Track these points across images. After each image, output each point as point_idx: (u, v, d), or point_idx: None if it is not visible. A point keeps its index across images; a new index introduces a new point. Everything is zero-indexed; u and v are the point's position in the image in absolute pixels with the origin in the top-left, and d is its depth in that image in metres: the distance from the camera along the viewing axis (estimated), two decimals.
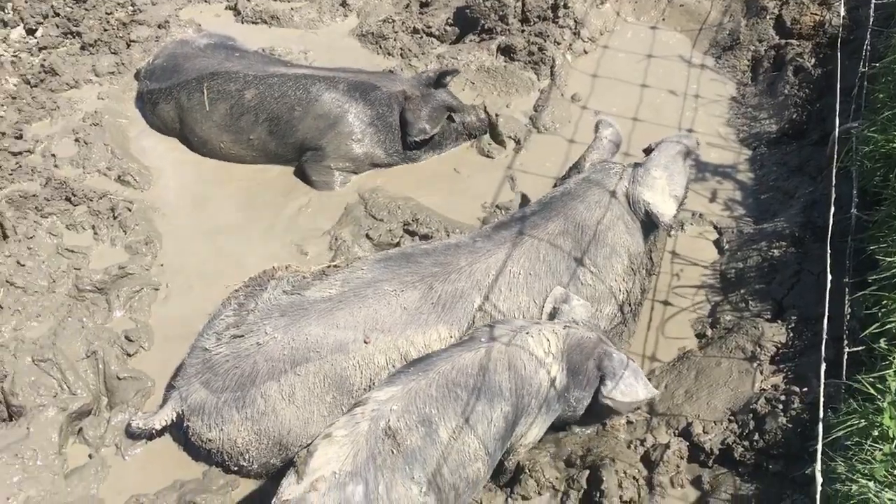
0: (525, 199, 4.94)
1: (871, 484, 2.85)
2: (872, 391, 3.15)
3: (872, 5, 5.09)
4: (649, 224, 4.11)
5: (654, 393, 3.62)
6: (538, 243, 3.92)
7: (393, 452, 2.98)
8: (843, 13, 5.48)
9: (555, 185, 4.66)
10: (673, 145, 4.27)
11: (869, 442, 3.02)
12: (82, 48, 6.17)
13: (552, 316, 3.74)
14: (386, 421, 3.03)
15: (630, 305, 4.18)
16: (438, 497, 3.11)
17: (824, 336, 3.25)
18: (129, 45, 6.25)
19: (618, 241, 4.06)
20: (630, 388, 3.49)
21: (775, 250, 4.49)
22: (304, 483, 2.86)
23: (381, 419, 3.04)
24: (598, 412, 3.66)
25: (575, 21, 6.21)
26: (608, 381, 3.49)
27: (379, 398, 3.12)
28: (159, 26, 6.42)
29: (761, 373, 3.90)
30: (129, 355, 4.33)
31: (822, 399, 3.09)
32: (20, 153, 5.33)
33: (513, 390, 3.33)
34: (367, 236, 4.91)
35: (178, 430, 3.93)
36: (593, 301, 3.98)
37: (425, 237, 4.80)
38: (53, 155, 5.38)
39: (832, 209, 3.78)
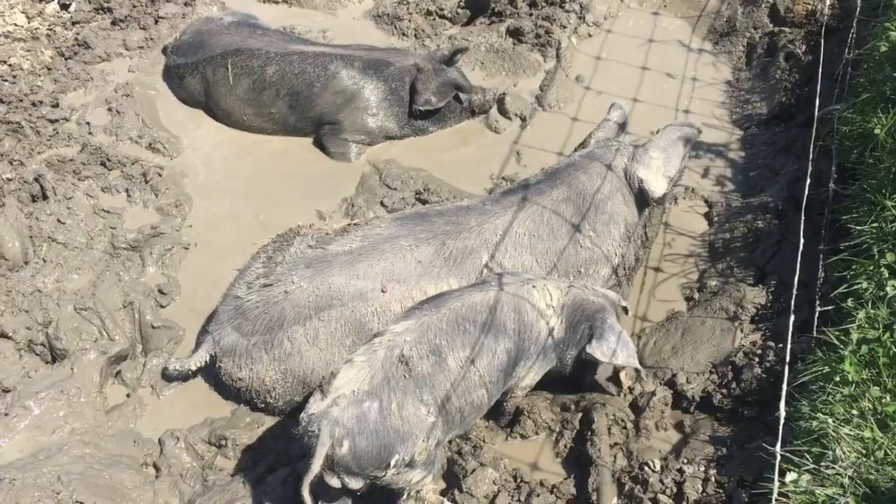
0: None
1: (829, 420, 3.22)
2: (837, 342, 3.51)
3: None
4: (642, 198, 4.47)
5: (634, 364, 3.90)
6: (542, 208, 4.28)
7: (405, 377, 3.39)
8: (829, 2, 5.81)
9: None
10: (675, 130, 4.60)
11: (831, 385, 3.38)
12: (113, 23, 6.49)
13: None
14: (400, 349, 3.44)
15: (624, 269, 4.54)
16: (445, 418, 3.52)
17: (794, 290, 3.61)
18: (157, 21, 6.57)
19: (615, 210, 4.40)
20: (610, 350, 3.83)
21: (760, 222, 4.84)
22: (328, 399, 3.28)
23: (395, 348, 3.44)
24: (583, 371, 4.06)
25: (580, 6, 6.54)
26: (594, 340, 3.86)
27: (395, 330, 3.53)
28: (185, 3, 6.73)
29: (742, 331, 4.26)
30: (162, 307, 4.71)
31: (788, 346, 3.45)
32: (57, 121, 5.69)
33: (516, 331, 3.72)
34: (382, 204, 5.27)
35: (209, 374, 4.32)
36: (590, 263, 4.33)
37: None
38: (88, 123, 5.74)
39: (808, 182, 4.13)
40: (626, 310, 4.23)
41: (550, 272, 4.24)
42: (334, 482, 3.37)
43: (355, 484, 3.40)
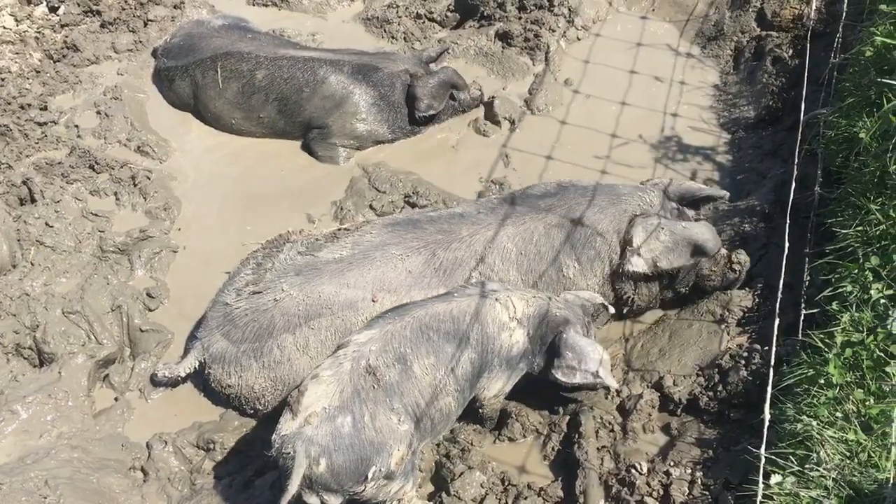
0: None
1: (814, 422, 3.24)
2: (821, 345, 3.53)
3: (846, 1, 5.45)
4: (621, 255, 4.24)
5: (609, 382, 3.84)
6: (535, 227, 4.20)
7: (374, 387, 3.38)
8: (815, 6, 5.87)
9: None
10: (696, 235, 4.24)
11: (815, 388, 3.40)
12: (102, 26, 6.48)
13: None
14: (366, 360, 3.43)
15: None
16: (416, 426, 3.52)
17: (779, 293, 3.63)
18: (146, 24, 6.57)
19: (603, 249, 4.24)
20: (570, 370, 3.81)
21: (746, 225, 4.87)
22: (299, 419, 3.26)
23: (362, 359, 3.43)
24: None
25: (569, 10, 6.55)
26: (555, 359, 3.84)
27: (359, 340, 3.52)
28: (175, 6, 6.73)
29: (728, 334, 4.28)
30: (150, 310, 4.71)
31: (773, 349, 3.48)
32: (45, 124, 5.68)
33: (479, 341, 3.72)
34: (371, 207, 5.28)
35: (198, 378, 4.32)
36: None
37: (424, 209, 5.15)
38: (76, 126, 5.73)
39: (793, 186, 4.16)
40: (605, 307, 4.15)
41: None
42: (313, 501, 3.36)
43: (334, 501, 3.39)
